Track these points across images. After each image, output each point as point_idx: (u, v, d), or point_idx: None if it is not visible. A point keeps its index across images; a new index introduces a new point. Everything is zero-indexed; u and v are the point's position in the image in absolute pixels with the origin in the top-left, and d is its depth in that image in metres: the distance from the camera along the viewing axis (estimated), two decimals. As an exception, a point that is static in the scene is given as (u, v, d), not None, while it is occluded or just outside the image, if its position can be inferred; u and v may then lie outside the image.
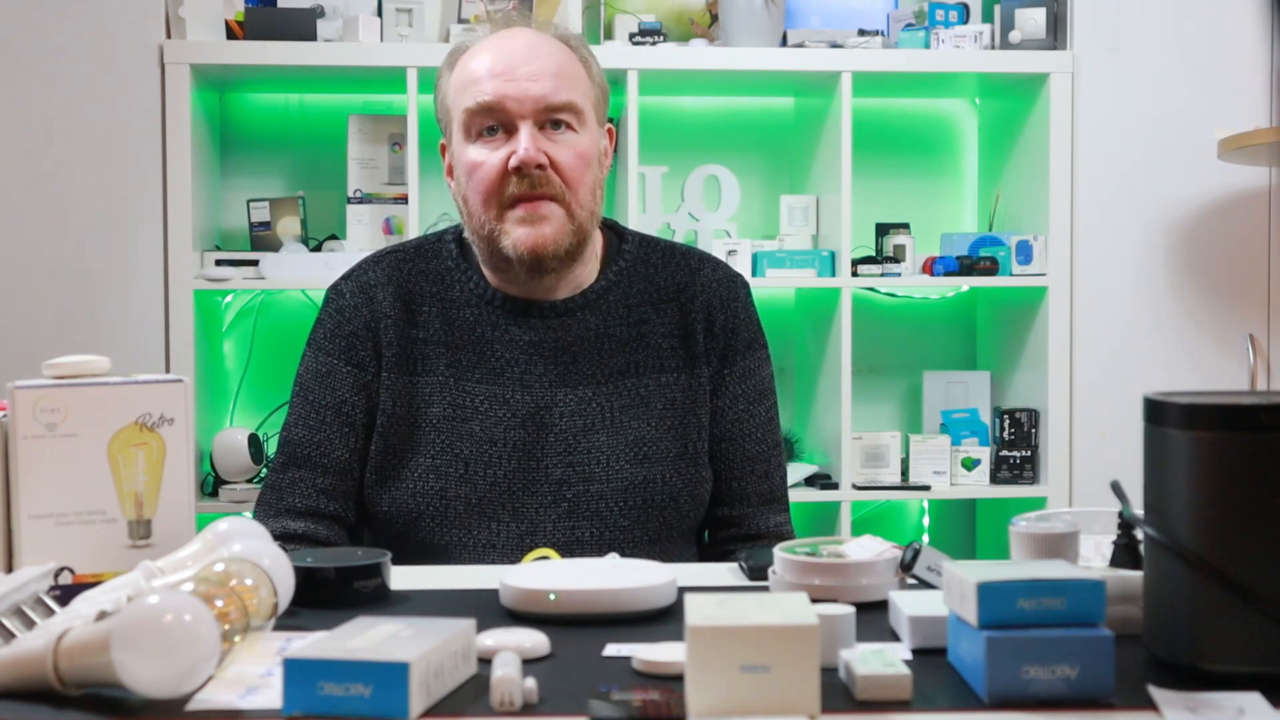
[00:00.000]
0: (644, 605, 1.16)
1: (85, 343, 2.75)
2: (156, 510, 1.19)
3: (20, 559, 1.16)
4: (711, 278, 1.70)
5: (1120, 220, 3.04)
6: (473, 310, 1.64)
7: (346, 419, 1.62)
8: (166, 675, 0.89)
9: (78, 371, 1.18)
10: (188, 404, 1.20)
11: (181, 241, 2.86)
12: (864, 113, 3.14)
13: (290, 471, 1.62)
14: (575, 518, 1.59)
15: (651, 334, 1.65)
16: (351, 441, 1.62)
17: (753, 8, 3.00)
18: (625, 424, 1.61)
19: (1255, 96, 3.03)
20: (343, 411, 1.62)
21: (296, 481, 1.61)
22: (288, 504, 1.61)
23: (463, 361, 1.62)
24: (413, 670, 0.87)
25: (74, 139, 2.86)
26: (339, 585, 1.20)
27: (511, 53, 1.60)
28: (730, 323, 1.68)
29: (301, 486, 1.61)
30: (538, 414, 1.61)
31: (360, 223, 2.99)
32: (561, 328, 1.64)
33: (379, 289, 1.65)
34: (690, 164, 3.18)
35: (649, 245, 1.71)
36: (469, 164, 1.60)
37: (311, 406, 1.63)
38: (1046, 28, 3.06)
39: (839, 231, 2.98)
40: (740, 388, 1.68)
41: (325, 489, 1.61)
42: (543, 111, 1.58)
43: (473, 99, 1.59)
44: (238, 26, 2.96)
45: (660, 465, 1.61)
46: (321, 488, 1.61)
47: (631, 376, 1.64)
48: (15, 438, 1.16)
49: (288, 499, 1.61)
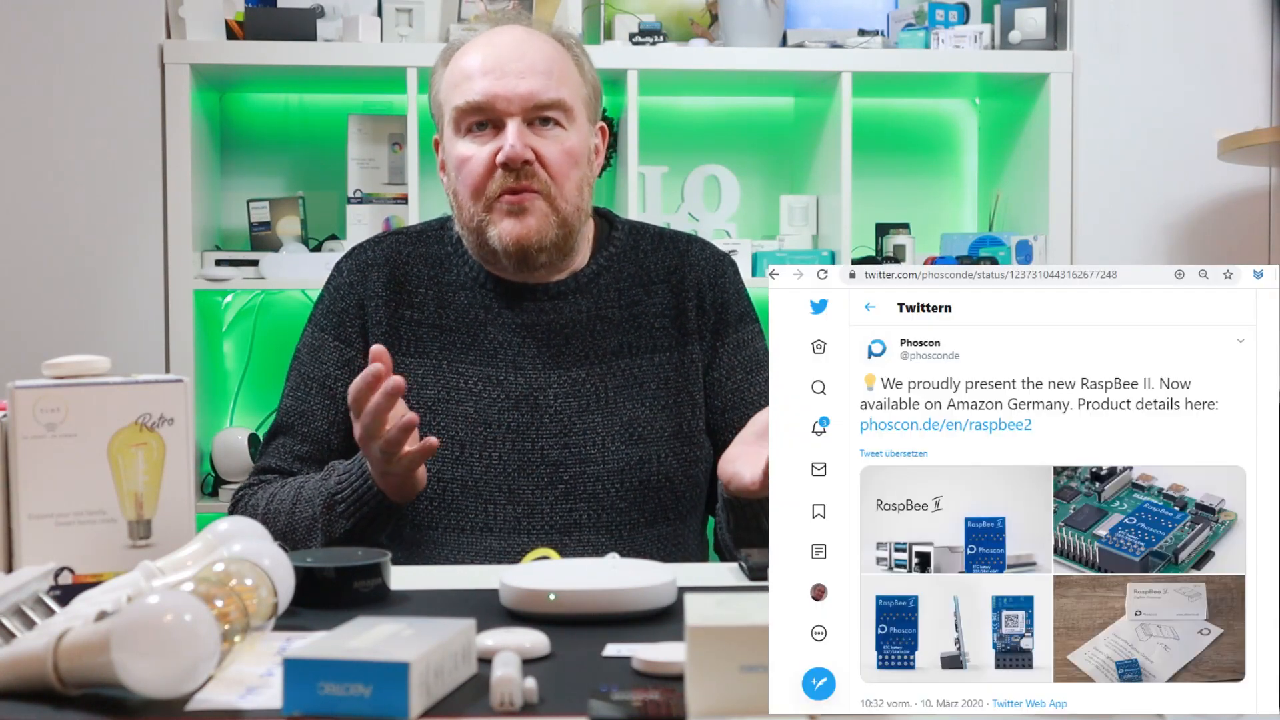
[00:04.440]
0: (644, 605, 1.16)
1: (85, 343, 2.75)
2: (156, 510, 1.19)
3: (20, 559, 1.16)
4: (700, 257, 1.72)
5: (1120, 220, 3.04)
6: (466, 294, 1.67)
7: (329, 392, 1.66)
8: (166, 675, 0.89)
9: (78, 371, 1.18)
10: (188, 404, 1.20)
11: (181, 241, 2.86)
12: (864, 113, 3.14)
13: (275, 439, 1.69)
14: (572, 499, 1.61)
15: (644, 315, 1.68)
16: (332, 414, 1.66)
17: (753, 8, 3.00)
18: (619, 405, 1.62)
19: (1255, 96, 3.03)
20: (326, 385, 1.67)
21: (278, 447, 1.68)
22: (264, 464, 1.68)
23: (455, 344, 1.65)
24: (413, 670, 0.87)
25: (74, 139, 2.86)
26: (339, 585, 1.20)
27: (502, 50, 1.63)
28: (719, 298, 1.70)
29: (280, 452, 1.67)
30: (531, 395, 1.63)
31: (360, 223, 2.99)
32: (554, 310, 1.66)
33: (374, 268, 1.69)
34: (690, 164, 3.18)
35: (639, 231, 1.74)
36: (458, 158, 1.63)
37: (301, 379, 1.69)
38: (1046, 28, 3.06)
39: (839, 231, 2.98)
40: (736, 359, 1.69)
41: (302, 455, 1.66)
42: (531, 109, 1.61)
43: (463, 97, 1.62)
44: (238, 26, 2.96)
45: (655, 445, 1.63)
46: (299, 454, 1.66)
47: (624, 357, 1.65)
48: (15, 438, 1.16)
49: (267, 460, 1.68)
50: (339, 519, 1.51)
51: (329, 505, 1.52)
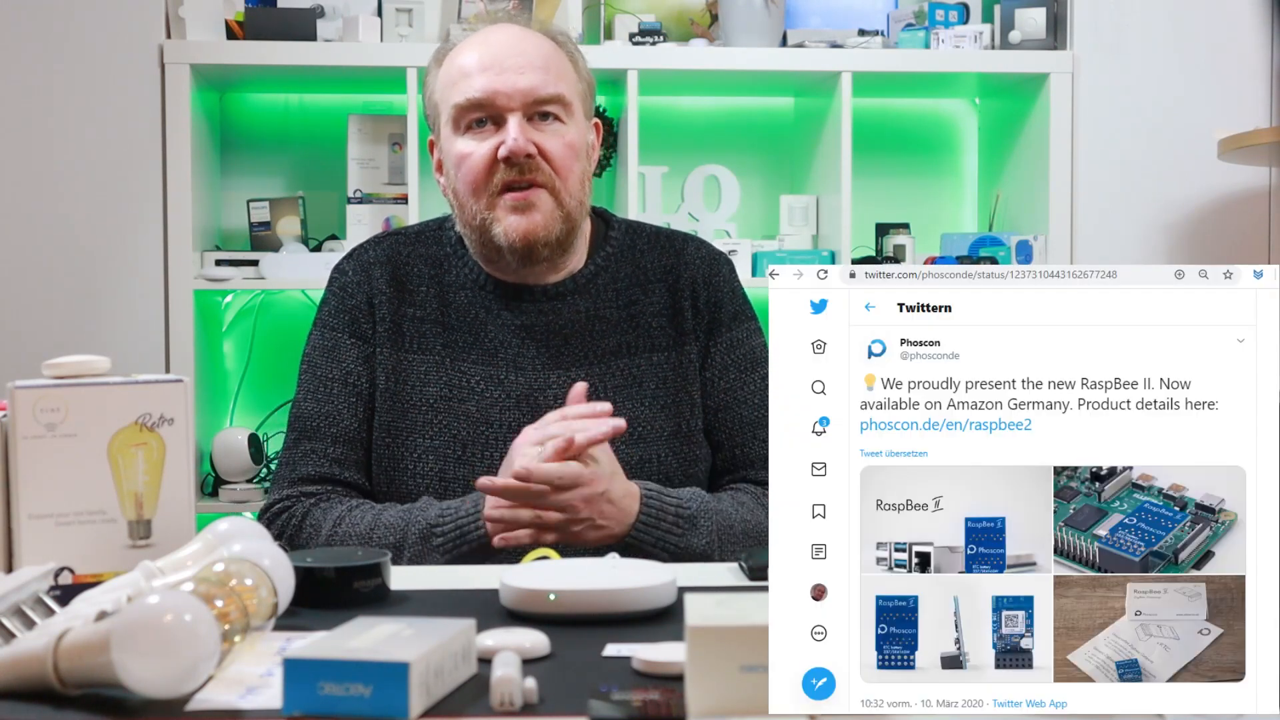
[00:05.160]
0: (644, 605, 1.16)
1: (85, 343, 2.75)
2: (156, 510, 1.19)
3: (20, 559, 1.15)
4: (695, 256, 1.72)
5: (1120, 220, 3.04)
6: (466, 294, 1.66)
7: (354, 389, 1.64)
8: (166, 675, 0.89)
9: (78, 371, 1.18)
10: (188, 404, 1.20)
11: (181, 241, 2.86)
12: (864, 113, 3.14)
13: (302, 445, 1.63)
14: None
15: (641, 315, 1.67)
16: (360, 410, 1.63)
17: (753, 8, 3.00)
18: (619, 405, 1.62)
19: (1255, 96, 3.03)
20: (349, 382, 1.64)
21: (309, 453, 1.62)
22: (300, 473, 1.62)
23: (458, 342, 1.65)
24: (413, 670, 0.87)
25: (74, 139, 2.86)
26: (339, 585, 1.20)
27: (499, 47, 1.63)
28: (714, 297, 1.70)
29: (314, 458, 1.62)
30: (531, 396, 1.62)
31: (360, 223, 2.99)
32: (552, 311, 1.66)
33: (376, 267, 1.68)
34: (690, 164, 3.18)
35: (635, 230, 1.74)
36: (458, 155, 1.62)
37: (319, 380, 1.65)
38: (1046, 28, 3.06)
39: (839, 231, 2.98)
40: (729, 358, 1.69)
41: (337, 458, 1.62)
42: (531, 104, 1.61)
43: (462, 94, 1.61)
44: (238, 26, 2.96)
45: (655, 445, 1.63)
46: (334, 457, 1.62)
47: (623, 357, 1.65)
48: (15, 438, 1.16)
49: (300, 469, 1.62)
50: (433, 552, 1.50)
51: (424, 536, 1.50)
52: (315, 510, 1.58)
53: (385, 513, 1.55)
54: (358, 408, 1.63)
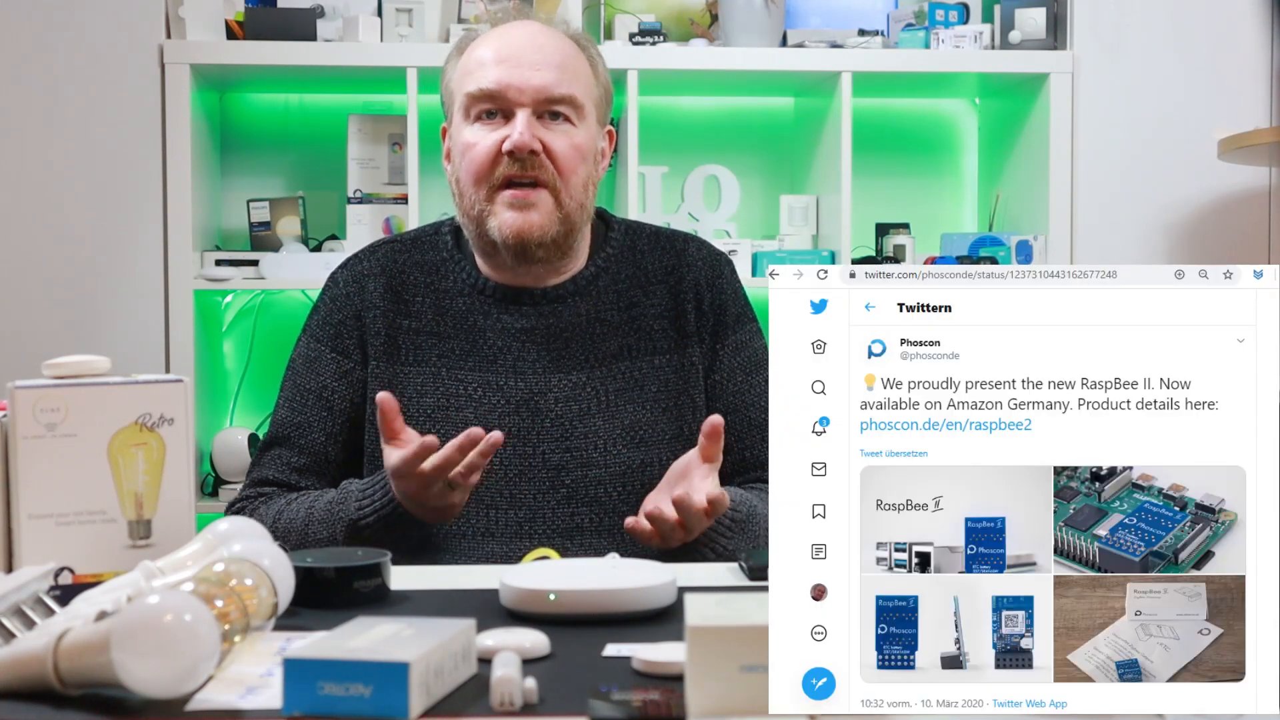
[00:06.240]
0: (644, 605, 1.16)
1: (85, 343, 2.75)
2: (156, 510, 1.19)
3: (20, 559, 1.16)
4: (696, 256, 1.71)
5: (1120, 220, 3.04)
6: (465, 299, 1.66)
7: (327, 404, 1.65)
8: (166, 675, 0.89)
9: (78, 371, 1.18)
10: (188, 404, 1.20)
11: (181, 241, 2.86)
12: (864, 113, 3.14)
13: (272, 449, 1.67)
14: (574, 504, 1.60)
15: (643, 317, 1.67)
16: (330, 426, 1.65)
17: (753, 8, 3.00)
18: (620, 408, 1.62)
19: (1255, 96, 3.03)
20: (324, 396, 1.65)
21: (275, 458, 1.66)
22: (263, 476, 1.66)
23: (454, 351, 1.64)
24: (413, 670, 0.87)
25: (74, 139, 2.86)
26: (339, 585, 1.20)
27: (518, 42, 1.63)
28: (718, 299, 1.69)
29: (277, 463, 1.65)
30: (531, 400, 1.62)
31: (360, 223, 2.99)
32: (553, 314, 1.65)
33: (371, 279, 1.67)
34: (690, 164, 3.18)
35: (636, 231, 1.73)
36: (464, 144, 1.62)
37: (297, 390, 1.67)
38: (1046, 28, 3.06)
39: (839, 231, 2.98)
40: (736, 360, 1.69)
41: (299, 467, 1.64)
42: (543, 102, 1.60)
43: (475, 84, 1.61)
44: (238, 26, 2.96)
45: (656, 449, 1.62)
46: (296, 465, 1.65)
47: (625, 360, 1.65)
48: (15, 438, 1.16)
49: (264, 472, 1.66)
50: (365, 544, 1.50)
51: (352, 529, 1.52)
52: (260, 507, 1.61)
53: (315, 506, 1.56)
54: (328, 422, 1.65)
